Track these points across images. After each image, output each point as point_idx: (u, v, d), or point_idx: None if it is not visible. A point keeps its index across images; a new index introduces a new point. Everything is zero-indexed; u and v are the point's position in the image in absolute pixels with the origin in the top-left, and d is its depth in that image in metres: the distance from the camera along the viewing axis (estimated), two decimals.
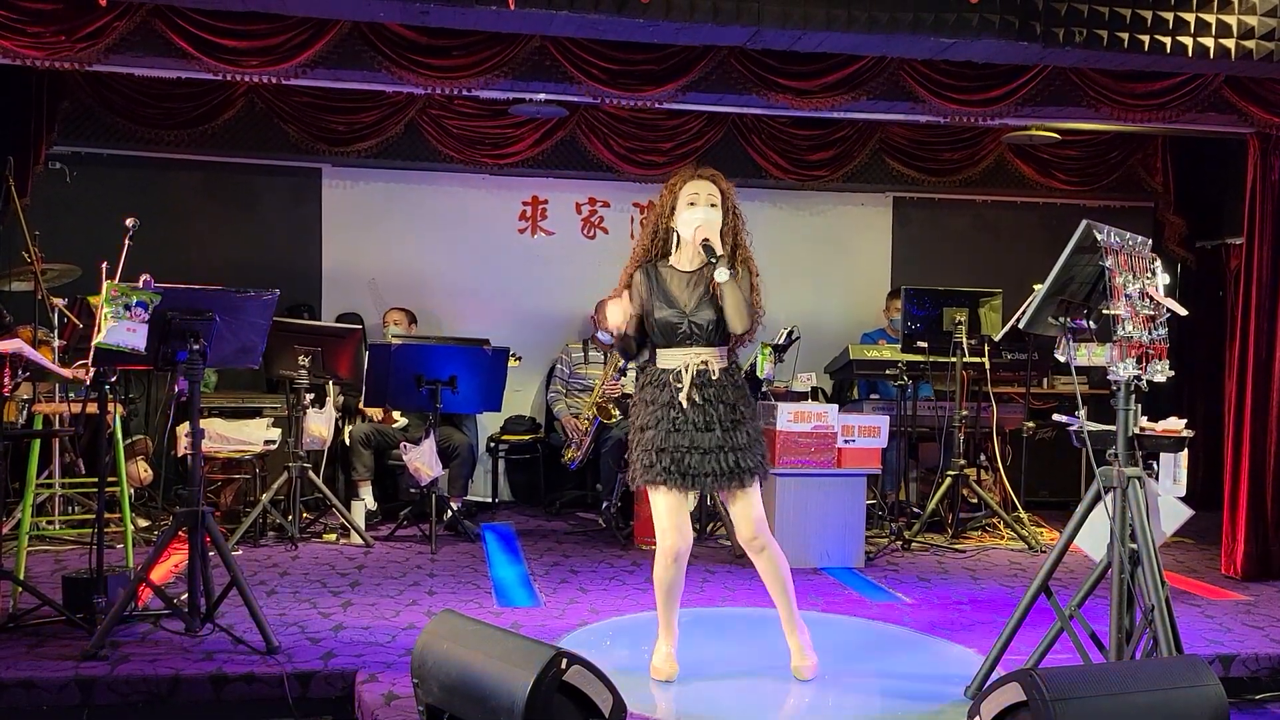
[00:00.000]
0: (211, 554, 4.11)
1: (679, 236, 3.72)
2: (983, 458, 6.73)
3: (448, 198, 7.63)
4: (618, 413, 6.72)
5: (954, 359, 6.16)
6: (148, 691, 3.58)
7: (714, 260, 3.57)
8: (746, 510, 3.69)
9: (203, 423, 4.18)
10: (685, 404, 3.61)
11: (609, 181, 7.66)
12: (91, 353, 3.86)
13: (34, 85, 6.36)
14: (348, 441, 6.60)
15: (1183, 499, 3.74)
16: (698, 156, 7.39)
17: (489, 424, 7.45)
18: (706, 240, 3.59)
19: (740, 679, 3.90)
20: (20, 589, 4.22)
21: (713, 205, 3.69)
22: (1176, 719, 2.92)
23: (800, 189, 7.85)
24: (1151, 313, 3.49)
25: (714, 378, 3.66)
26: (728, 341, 3.72)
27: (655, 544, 3.75)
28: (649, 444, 3.64)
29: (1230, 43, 4.80)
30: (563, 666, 2.96)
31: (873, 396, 7.11)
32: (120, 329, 3.81)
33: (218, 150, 7.10)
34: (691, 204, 3.68)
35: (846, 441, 5.68)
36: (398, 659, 3.80)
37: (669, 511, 3.65)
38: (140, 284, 3.89)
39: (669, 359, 3.69)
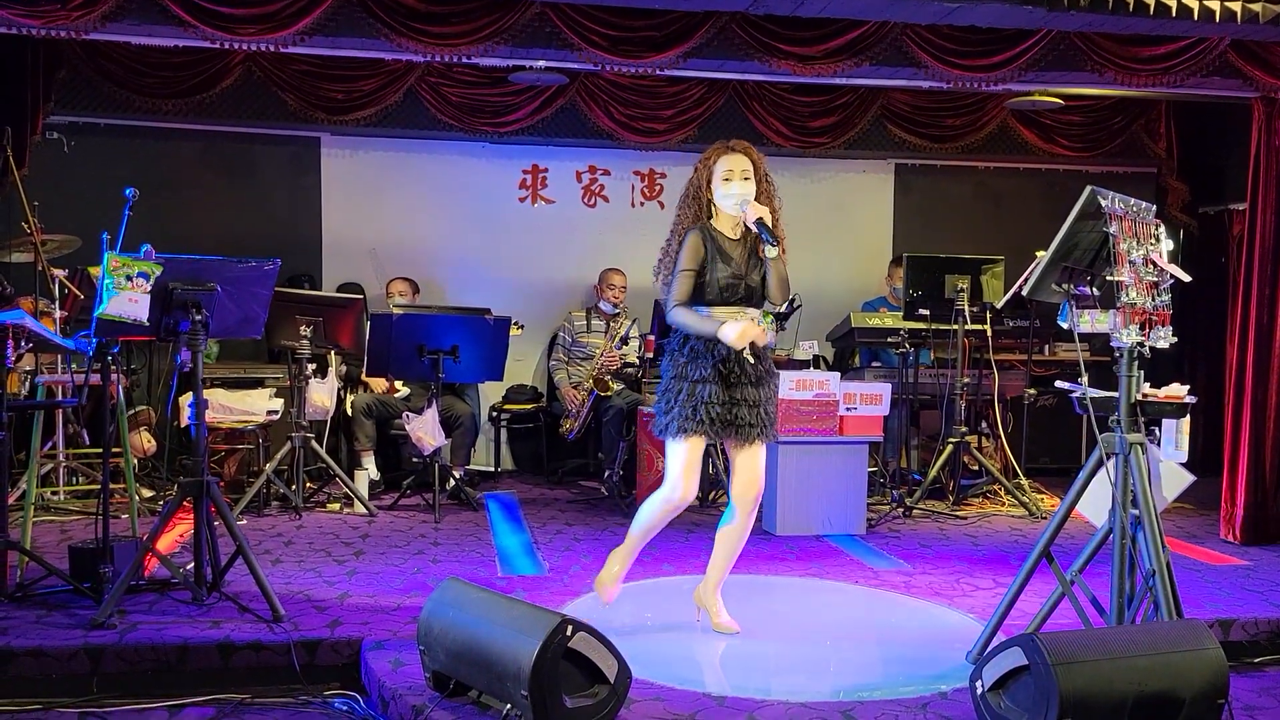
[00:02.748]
0: (216, 523, 4.13)
1: (716, 207, 3.87)
2: (984, 425, 6.74)
3: (447, 166, 7.59)
4: (616, 385, 6.73)
5: (955, 326, 6.16)
6: (156, 659, 3.61)
7: (772, 241, 3.71)
8: (754, 464, 3.86)
9: (205, 393, 4.19)
10: (750, 360, 3.78)
11: (609, 149, 7.62)
12: (94, 323, 3.86)
13: (30, 54, 6.31)
14: (350, 411, 6.61)
15: (1183, 464, 3.75)
16: (699, 124, 7.36)
17: (491, 393, 7.45)
18: (761, 219, 3.71)
19: (742, 643, 3.93)
20: (27, 559, 4.24)
21: (746, 179, 3.82)
22: (1177, 682, 2.95)
23: (802, 156, 7.80)
24: (1155, 279, 3.48)
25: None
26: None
27: None
28: (710, 396, 3.76)
29: (1236, 5, 4.76)
30: (568, 633, 2.99)
31: (874, 364, 7.12)
32: (122, 300, 3.80)
33: (216, 119, 7.06)
34: (727, 179, 3.81)
35: (848, 409, 5.69)
36: (403, 626, 3.83)
37: (694, 463, 3.82)
38: (141, 254, 3.88)
39: (722, 316, 3.78)
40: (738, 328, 3.67)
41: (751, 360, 3.79)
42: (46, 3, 4.58)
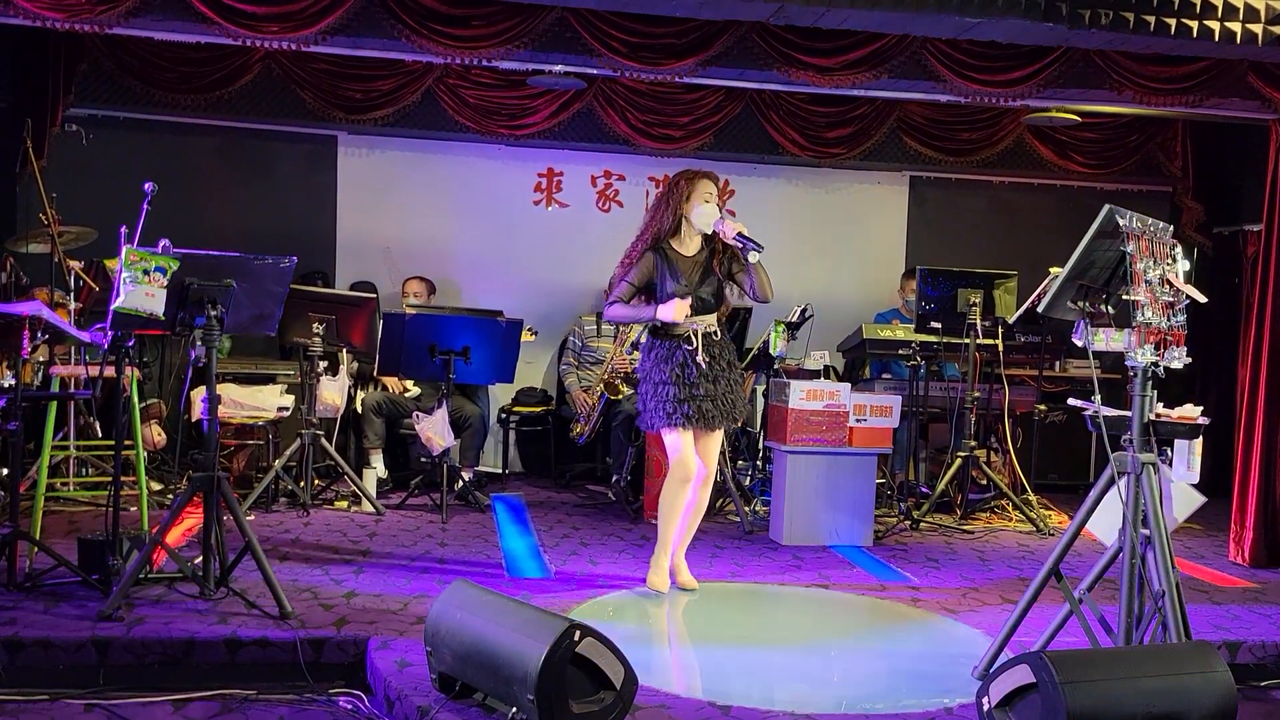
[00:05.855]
0: (225, 519, 4.14)
1: (687, 223, 4.45)
2: (993, 439, 6.73)
3: (463, 168, 7.61)
4: (626, 389, 6.73)
5: (967, 340, 6.15)
6: (163, 653, 3.62)
7: (757, 247, 4.32)
8: (714, 448, 4.54)
9: (217, 388, 4.20)
10: (702, 362, 4.37)
11: (625, 155, 7.63)
12: (110, 316, 3.87)
13: (51, 47, 6.36)
14: (360, 409, 6.62)
15: (1194, 485, 3.74)
16: (715, 131, 7.37)
17: (500, 395, 7.47)
18: (740, 232, 4.31)
19: (748, 652, 3.93)
20: (36, 549, 4.25)
21: (716, 201, 4.46)
22: (1185, 704, 2.94)
23: (817, 166, 7.82)
24: (1171, 299, 3.48)
25: (717, 338, 4.48)
26: (718, 311, 4.52)
27: None
28: (670, 396, 4.36)
29: (1257, 28, 4.76)
30: (576, 638, 2.99)
31: (884, 376, 7.11)
32: (139, 293, 3.82)
33: (234, 115, 7.09)
34: (706, 201, 4.43)
35: (858, 420, 5.68)
36: (410, 627, 3.83)
37: (686, 444, 4.40)
38: (159, 249, 3.89)
39: (677, 326, 4.41)
40: (672, 306, 4.32)
41: (705, 360, 4.37)
42: None
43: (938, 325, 6.24)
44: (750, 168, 7.76)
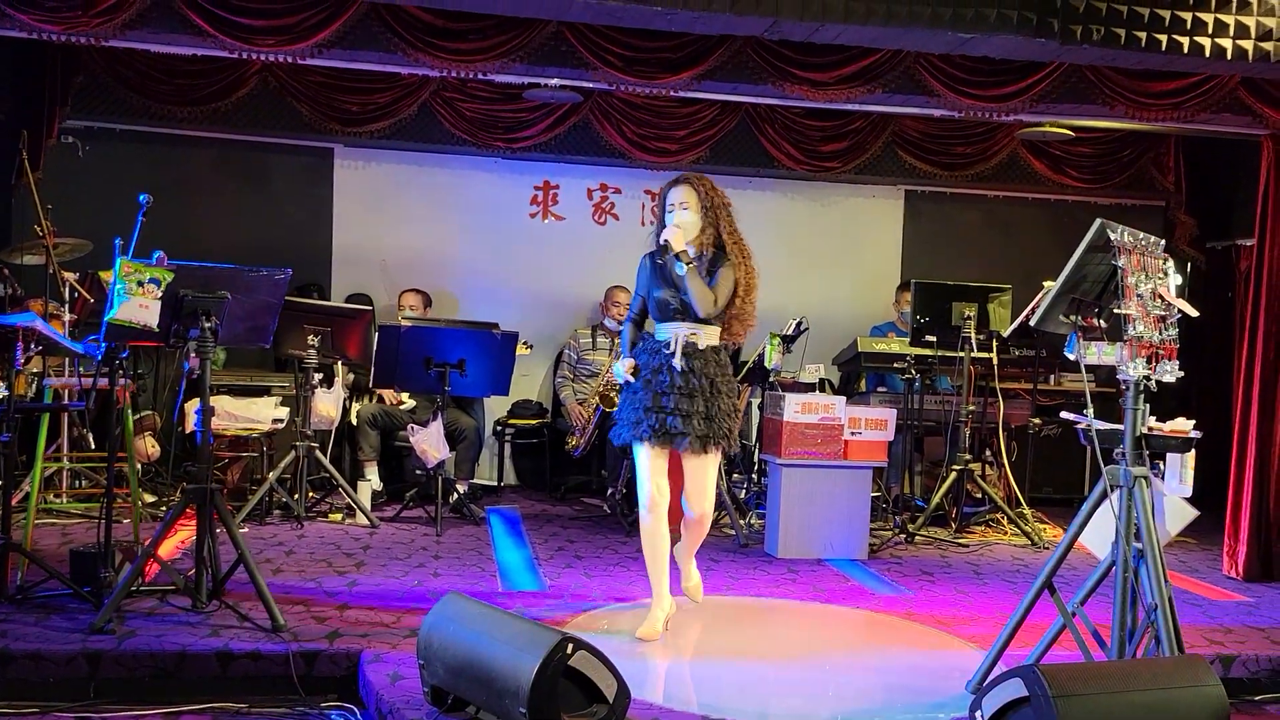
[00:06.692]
0: (218, 531, 4.13)
1: None
2: (988, 453, 6.73)
3: (459, 180, 7.63)
4: None
5: (962, 354, 6.16)
6: (154, 666, 3.61)
7: (661, 260, 4.10)
8: (700, 478, 4.10)
9: (211, 400, 4.20)
10: (678, 367, 4.01)
11: (621, 168, 7.66)
12: (104, 328, 3.88)
13: (48, 59, 6.38)
14: (355, 421, 6.62)
15: (1187, 499, 3.75)
16: (711, 145, 7.40)
17: (496, 408, 7.46)
18: (666, 240, 4.06)
19: (742, 665, 3.92)
20: (28, 561, 4.24)
21: (685, 209, 4.11)
22: (1177, 718, 2.94)
23: (812, 180, 7.84)
24: (1162, 313, 3.49)
25: (700, 348, 4.07)
26: (717, 323, 4.12)
27: None
28: (637, 403, 4.08)
29: (1248, 44, 4.79)
30: (568, 651, 2.98)
31: (880, 389, 7.12)
32: (133, 305, 3.82)
33: (230, 128, 7.11)
34: (670, 210, 4.17)
35: (853, 434, 5.69)
36: (403, 640, 3.82)
37: (649, 466, 4.08)
38: (154, 261, 3.90)
39: (661, 331, 4.14)
40: (620, 364, 4.15)
41: (679, 366, 4.00)
42: (68, 9, 4.62)
43: (932, 338, 6.25)
44: (746, 181, 7.77)
